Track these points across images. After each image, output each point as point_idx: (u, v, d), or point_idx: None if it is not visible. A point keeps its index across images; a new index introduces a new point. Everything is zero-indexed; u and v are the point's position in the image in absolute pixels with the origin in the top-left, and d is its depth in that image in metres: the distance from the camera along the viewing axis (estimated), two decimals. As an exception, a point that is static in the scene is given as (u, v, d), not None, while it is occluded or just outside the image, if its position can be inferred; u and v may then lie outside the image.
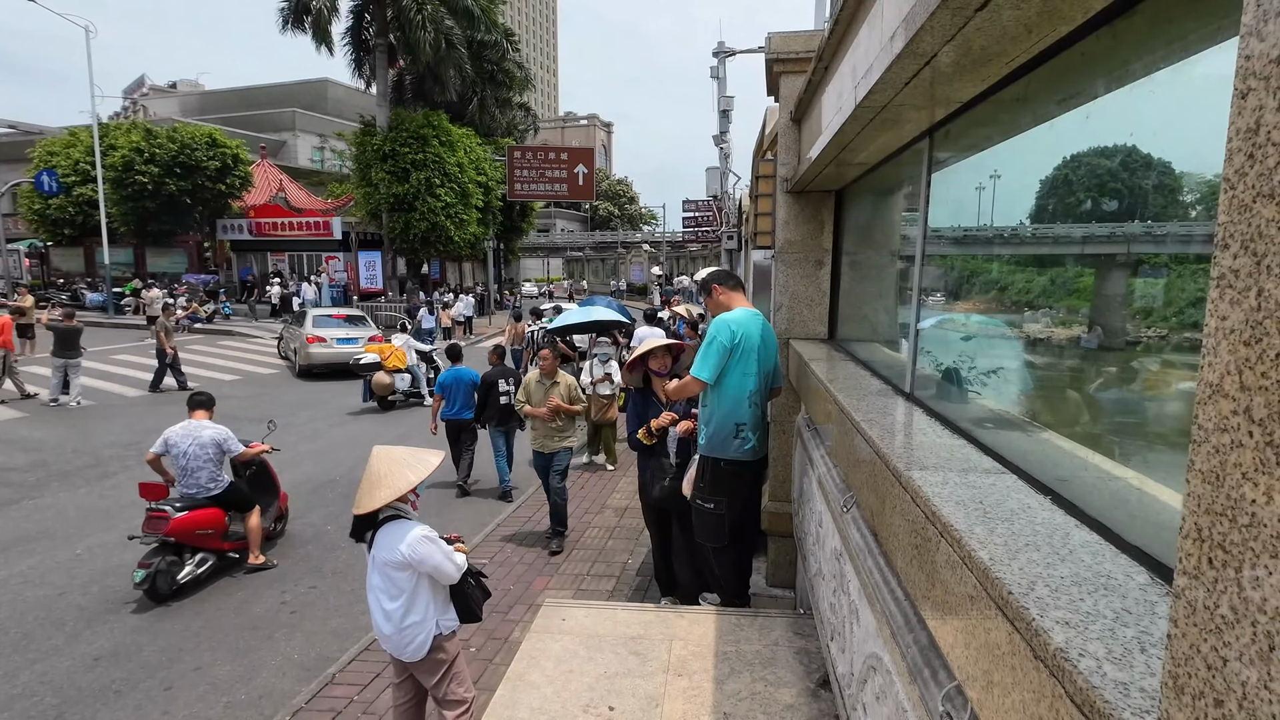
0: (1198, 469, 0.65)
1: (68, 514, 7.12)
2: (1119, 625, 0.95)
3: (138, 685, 4.36)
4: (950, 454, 1.80)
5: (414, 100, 27.85)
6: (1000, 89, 1.86)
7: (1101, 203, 1.76)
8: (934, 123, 2.36)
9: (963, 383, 2.49)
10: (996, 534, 1.26)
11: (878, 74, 1.84)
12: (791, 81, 4.26)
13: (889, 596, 1.86)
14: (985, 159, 2.29)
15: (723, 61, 16.48)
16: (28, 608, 5.26)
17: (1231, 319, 0.60)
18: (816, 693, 3.06)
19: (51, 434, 10.14)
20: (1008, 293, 2.55)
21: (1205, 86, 1.25)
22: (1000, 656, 1.06)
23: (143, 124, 28.30)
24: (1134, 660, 0.86)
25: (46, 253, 31.90)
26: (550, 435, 6.43)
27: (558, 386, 6.47)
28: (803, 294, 4.42)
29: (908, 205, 3.58)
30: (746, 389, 3.78)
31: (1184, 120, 1.37)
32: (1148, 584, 1.08)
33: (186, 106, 48.06)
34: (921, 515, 1.48)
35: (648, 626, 3.67)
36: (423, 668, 3.25)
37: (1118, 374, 1.79)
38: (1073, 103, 1.64)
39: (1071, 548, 1.21)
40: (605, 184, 66.01)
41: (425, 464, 3.23)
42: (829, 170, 3.61)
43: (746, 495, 4.01)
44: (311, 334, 15.41)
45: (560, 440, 6.47)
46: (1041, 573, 1.10)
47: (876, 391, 2.72)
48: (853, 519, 2.35)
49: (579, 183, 26.43)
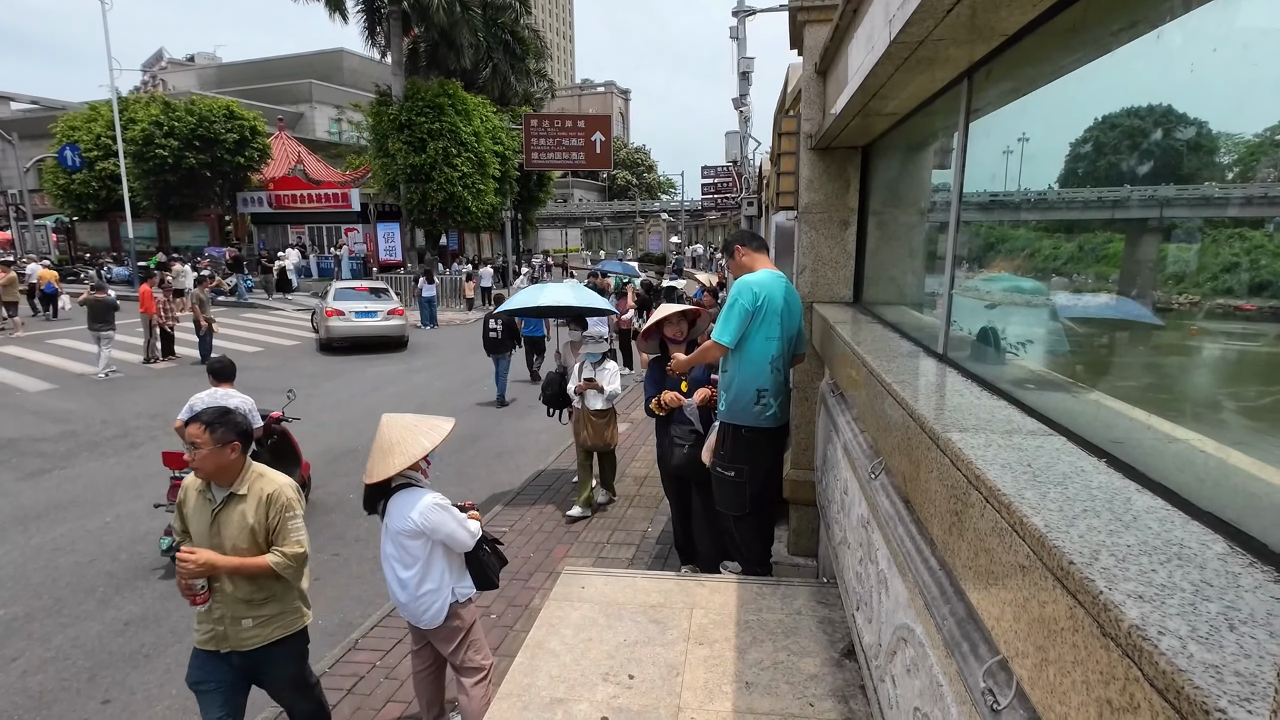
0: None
1: (97, 483, 7.25)
2: (1200, 600, 0.84)
3: (166, 649, 4.43)
4: (991, 415, 1.68)
5: (429, 69, 27.52)
6: (1052, 16, 1.69)
7: (1135, 166, 1.62)
8: (974, 62, 2.19)
9: (999, 343, 2.35)
10: (1049, 499, 1.14)
11: (916, 1, 1.68)
12: (816, 31, 4.05)
13: (922, 566, 1.76)
14: (1029, 104, 2.12)
15: (742, 21, 15.95)
16: (60, 574, 5.36)
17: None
18: (841, 663, 2.99)
19: (80, 405, 10.32)
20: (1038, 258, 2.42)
21: None
22: (1058, 632, 0.95)
23: (161, 97, 28.33)
24: (1223, 640, 0.76)
25: (73, 228, 32.36)
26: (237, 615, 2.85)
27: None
28: (827, 256, 4.26)
29: (940, 161, 3.40)
30: (769, 353, 3.66)
31: (1251, 53, 1.21)
32: (1226, 553, 0.96)
33: (204, 79, 48.04)
34: (963, 479, 1.36)
35: (668, 595, 3.62)
36: (439, 635, 3.23)
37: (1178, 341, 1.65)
38: (1139, 29, 1.48)
39: (1135, 514, 1.10)
40: (623, 152, 65.14)
41: (438, 430, 3.17)
42: (856, 123, 3.42)
43: (768, 463, 3.92)
44: (331, 306, 15.00)
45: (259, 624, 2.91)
46: (1104, 541, 0.99)
47: (907, 353, 2.59)
48: (881, 485, 2.25)
49: (596, 151, 26.03)
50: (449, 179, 24.01)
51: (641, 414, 9.49)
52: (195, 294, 13.61)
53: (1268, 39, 1.11)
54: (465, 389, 11.68)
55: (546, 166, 27.83)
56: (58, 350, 14.29)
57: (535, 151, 25.64)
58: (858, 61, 2.78)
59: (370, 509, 3.21)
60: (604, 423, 6.18)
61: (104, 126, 26.10)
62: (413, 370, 13.49)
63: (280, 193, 29.11)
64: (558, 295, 6.98)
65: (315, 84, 42.36)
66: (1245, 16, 1.19)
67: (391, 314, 15.26)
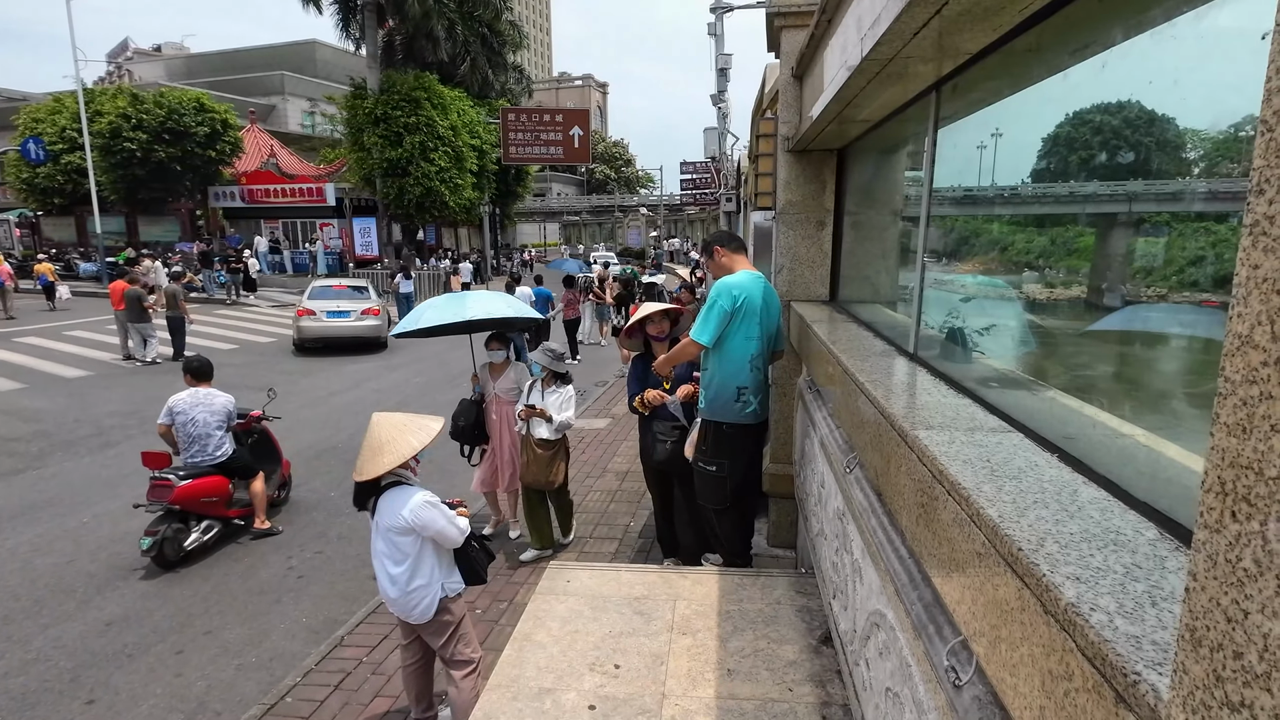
0: (1223, 422, 0.63)
1: (73, 483, 7.17)
2: (1129, 580, 0.95)
3: (149, 649, 4.43)
4: (956, 413, 1.80)
5: (405, 61, 27.23)
6: (1011, 39, 1.80)
7: (1105, 160, 1.72)
8: (941, 76, 2.30)
9: (967, 343, 2.48)
10: (1005, 491, 1.25)
11: (885, 24, 1.78)
12: (793, 36, 4.15)
13: (893, 555, 1.87)
14: (994, 113, 2.24)
15: (720, 18, 16.05)
16: (38, 575, 5.32)
17: (1265, 267, 0.58)
18: (818, 649, 3.11)
19: (52, 404, 10.15)
20: (1008, 253, 2.53)
21: (1225, 37, 1.20)
22: (1009, 612, 1.06)
23: (128, 89, 27.66)
24: (1145, 614, 0.87)
25: (37, 222, 31.52)
26: None
27: None
28: (804, 255, 4.38)
29: (911, 164, 3.53)
30: (749, 352, 3.77)
31: (1201, 72, 1.32)
32: (1157, 539, 1.08)
33: (172, 70, 47.03)
34: (928, 474, 1.47)
35: (651, 587, 3.72)
36: (430, 629, 3.30)
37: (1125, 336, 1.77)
38: (1088, 52, 1.60)
39: (1080, 504, 1.21)
40: (601, 146, 65.02)
41: (427, 430, 3.23)
42: (831, 128, 3.54)
43: (748, 457, 4.03)
44: (302, 305, 14.41)
45: None
46: (1051, 529, 1.10)
47: (880, 352, 2.71)
48: (856, 479, 2.36)
49: (575, 145, 26.07)
50: (426, 173, 23.83)
51: (622, 409, 9.58)
52: (171, 288, 13.40)
53: (1197, 69, 1.23)
54: (445, 385, 11.67)
55: (524, 160, 27.78)
56: (26, 349, 13.99)
57: (513, 145, 25.58)
58: (833, 70, 2.88)
59: (360, 505, 3.27)
60: (549, 455, 5.13)
61: (69, 119, 25.46)
62: (392, 367, 13.44)
63: (253, 187, 28.64)
64: (487, 306, 5.52)
65: (288, 75, 41.68)
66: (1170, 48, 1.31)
67: (366, 314, 14.68)
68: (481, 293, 6.10)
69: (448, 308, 5.41)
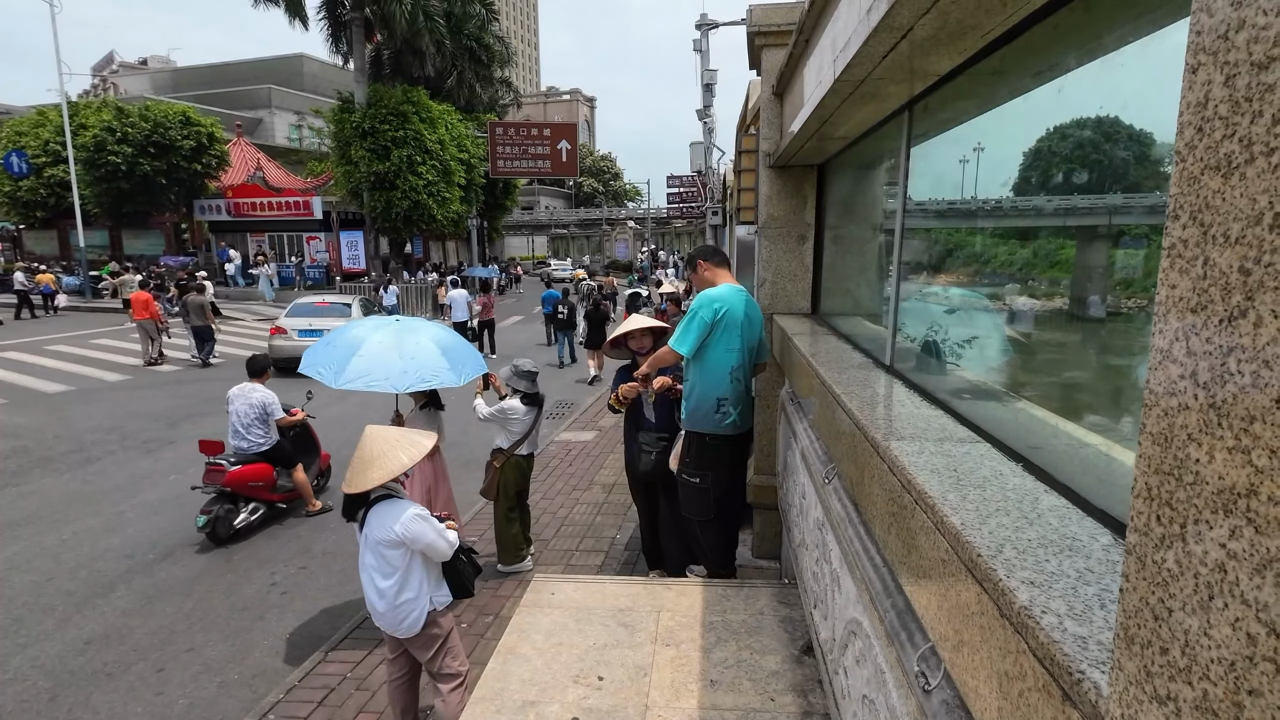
0: (1149, 431, 0.67)
1: (52, 500, 7.08)
2: (1081, 584, 0.99)
3: (130, 668, 4.38)
4: (927, 424, 1.84)
5: (392, 75, 27.32)
6: (977, 62, 1.87)
7: (1080, 174, 1.78)
8: (913, 96, 2.37)
9: (941, 354, 2.53)
10: (969, 500, 1.29)
11: (856, 47, 1.84)
12: (773, 55, 4.23)
13: (868, 564, 1.91)
14: (964, 132, 2.31)
15: (705, 34, 16.27)
16: (15, 593, 5.25)
17: (1180, 287, 0.63)
18: (800, 659, 3.14)
19: (31, 420, 10.02)
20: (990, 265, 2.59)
21: (1176, 60, 1.26)
22: (970, 616, 1.10)
23: (113, 102, 27.52)
24: (1093, 616, 0.91)
25: (19, 236, 31.21)
26: None
27: None
28: (786, 269, 4.44)
29: (889, 179, 3.60)
30: (729, 364, 3.82)
31: (1155, 94, 1.38)
32: (1110, 545, 1.12)
33: (158, 84, 46.86)
34: (898, 484, 1.51)
35: (636, 599, 3.73)
36: (418, 643, 3.29)
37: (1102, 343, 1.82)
38: (1047, 76, 1.66)
39: (1040, 512, 1.25)
40: (589, 160, 65.39)
41: (418, 446, 3.24)
42: (811, 144, 3.61)
43: (731, 469, 4.07)
44: (276, 324, 13.83)
45: None
46: (1010, 536, 1.14)
47: (858, 365, 2.76)
48: (834, 490, 2.40)
49: (562, 159, 26.22)
50: (414, 186, 23.83)
51: (608, 422, 9.60)
52: (198, 300, 13.76)
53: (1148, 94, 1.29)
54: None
55: (512, 174, 27.89)
56: (6, 364, 13.82)
57: (501, 159, 25.68)
58: (810, 89, 2.95)
59: (349, 517, 3.27)
60: (493, 465, 5.25)
61: (53, 132, 25.31)
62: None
63: (239, 200, 28.51)
64: (420, 373, 4.30)
65: (274, 89, 41.69)
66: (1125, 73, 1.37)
67: None
68: (384, 327, 4.58)
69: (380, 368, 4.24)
